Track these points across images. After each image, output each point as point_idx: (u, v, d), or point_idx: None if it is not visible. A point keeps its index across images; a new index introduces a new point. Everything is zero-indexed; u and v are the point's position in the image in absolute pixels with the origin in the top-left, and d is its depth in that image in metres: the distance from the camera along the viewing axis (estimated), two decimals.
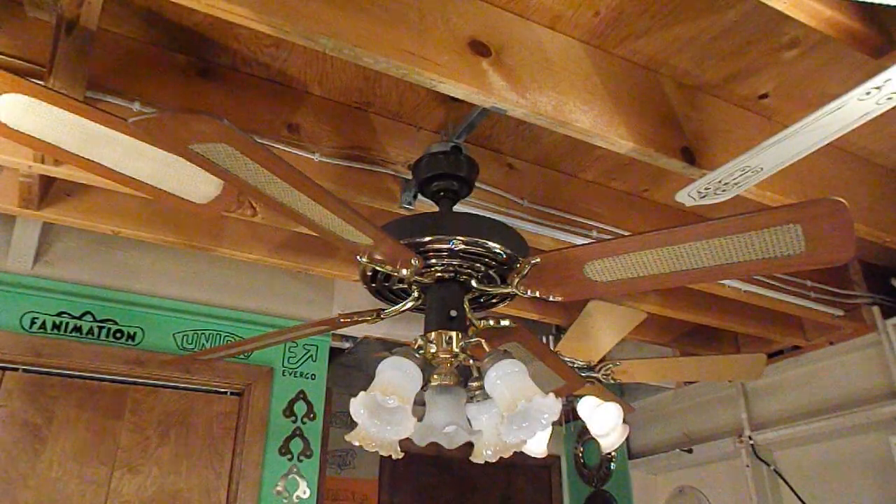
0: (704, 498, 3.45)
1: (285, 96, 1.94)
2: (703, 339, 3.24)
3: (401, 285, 1.64)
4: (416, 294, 1.61)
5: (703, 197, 1.69)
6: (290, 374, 2.71)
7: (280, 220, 2.07)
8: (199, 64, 1.85)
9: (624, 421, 2.76)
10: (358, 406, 1.32)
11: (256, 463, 2.49)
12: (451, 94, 1.55)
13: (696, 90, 1.91)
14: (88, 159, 1.52)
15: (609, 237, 2.30)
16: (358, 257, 1.47)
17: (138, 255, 2.64)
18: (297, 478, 2.56)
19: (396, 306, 1.66)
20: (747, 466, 3.14)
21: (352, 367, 3.42)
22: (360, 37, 1.43)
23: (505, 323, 1.72)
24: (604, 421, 2.72)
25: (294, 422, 2.64)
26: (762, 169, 1.60)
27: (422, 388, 1.45)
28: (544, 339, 2.97)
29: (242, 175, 1.13)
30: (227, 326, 2.69)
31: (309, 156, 1.90)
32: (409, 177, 2.00)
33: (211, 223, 2.23)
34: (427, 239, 1.49)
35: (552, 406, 1.33)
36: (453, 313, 1.52)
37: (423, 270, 1.52)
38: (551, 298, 1.53)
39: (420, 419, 1.48)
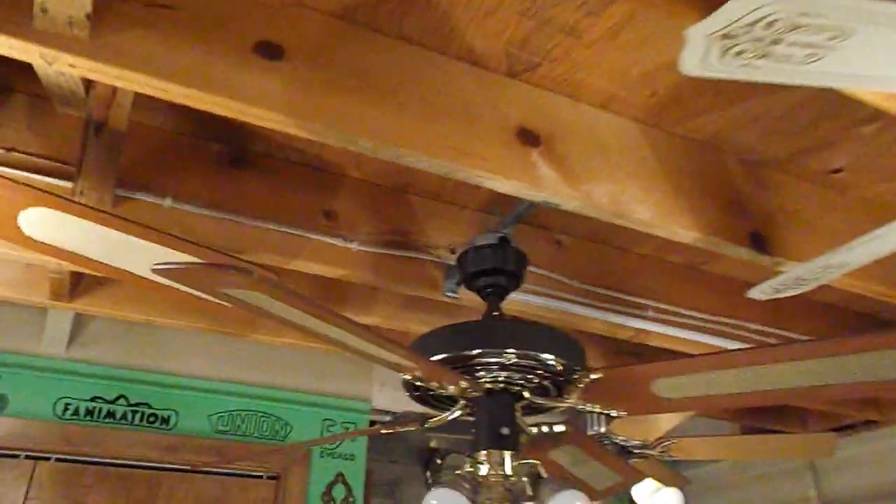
0: None
1: (321, 181, 1.86)
2: (765, 413, 3.03)
3: (444, 393, 1.52)
4: (461, 404, 1.48)
5: (778, 292, 1.53)
6: (329, 456, 2.60)
7: None
8: (231, 152, 1.78)
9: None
10: None
11: None
12: (501, 191, 1.44)
13: (761, 166, 1.77)
14: (116, 268, 1.44)
15: (665, 316, 2.15)
16: (401, 373, 1.35)
17: (172, 334, 2.57)
18: None
19: (442, 415, 1.54)
20: None
21: (391, 438, 3.29)
22: (400, 135, 1.33)
23: (559, 428, 1.58)
24: None
25: None
26: (848, 264, 1.44)
27: None
28: (592, 416, 2.80)
29: (276, 312, 1.03)
30: (262, 406, 2.59)
31: (346, 245, 1.80)
32: (452, 262, 1.89)
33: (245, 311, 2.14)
34: (475, 353, 1.37)
35: None
36: (505, 431, 1.39)
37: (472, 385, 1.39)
38: (614, 414, 1.39)
39: None
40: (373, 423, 2.89)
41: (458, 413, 1.51)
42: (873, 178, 1.80)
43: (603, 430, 2.60)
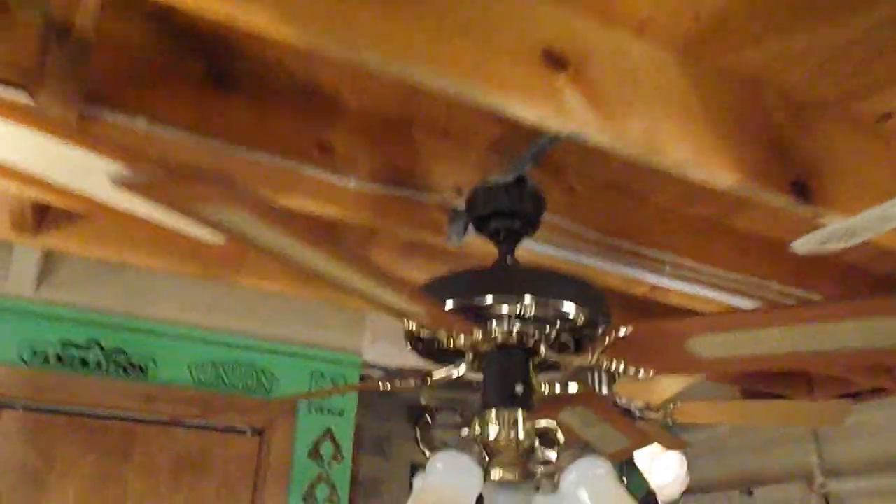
0: None
1: (316, 109, 1.67)
2: (771, 377, 2.91)
3: (451, 346, 1.38)
4: (470, 358, 1.33)
5: (824, 244, 1.38)
6: (316, 411, 2.46)
7: None
8: (215, 71, 1.58)
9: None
10: None
11: None
12: (523, 119, 1.26)
13: (805, 109, 1.59)
14: (80, 194, 1.26)
15: (683, 272, 2.00)
16: (405, 322, 1.20)
17: (152, 277, 2.40)
18: None
19: (446, 370, 1.39)
20: None
21: (380, 394, 3.16)
22: (411, 49, 1.15)
23: (572, 388, 1.44)
24: (665, 471, 2.44)
25: (319, 465, 2.39)
26: None
27: None
28: (595, 375, 2.68)
29: (261, 240, 0.86)
30: (247, 356, 2.44)
31: (343, 181, 1.63)
32: (459, 205, 1.72)
33: (230, 249, 1.97)
34: (488, 302, 1.21)
35: None
36: (519, 389, 1.24)
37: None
38: (641, 375, 1.24)
39: None
40: (363, 377, 2.75)
41: (464, 369, 1.36)
42: None
43: (605, 391, 2.48)
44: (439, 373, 1.40)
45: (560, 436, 1.20)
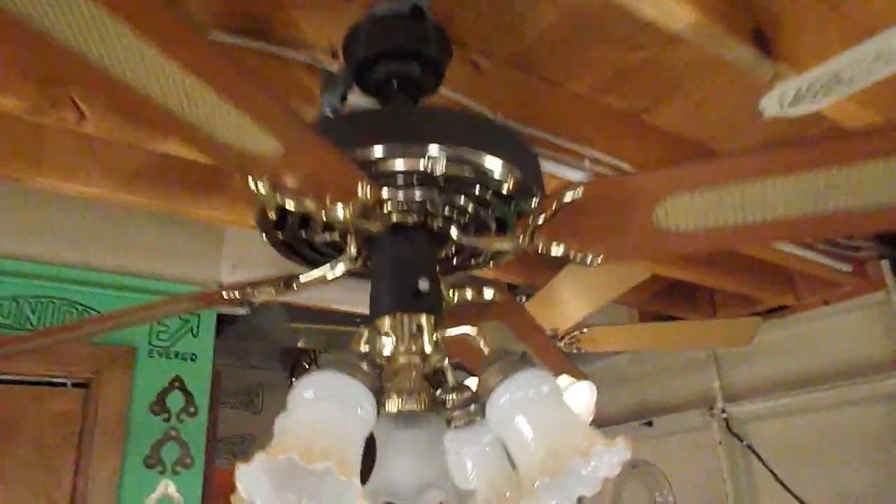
0: (662, 475, 3.05)
1: None
2: (673, 297, 2.76)
3: (327, 235, 0.99)
4: (353, 250, 0.95)
5: (800, 98, 1.12)
6: (161, 355, 1.98)
7: (130, 132, 1.33)
8: None
9: None
10: (253, 479, 0.68)
11: (111, 480, 1.78)
12: None
13: None
14: None
15: (604, 169, 1.72)
16: (253, 182, 0.79)
17: None
18: (173, 497, 1.87)
19: (318, 270, 1.00)
20: (719, 443, 2.73)
21: (247, 337, 2.72)
22: None
23: (487, 294, 1.10)
24: (575, 403, 2.21)
25: (167, 420, 1.93)
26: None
27: None
28: None
29: None
30: (62, 290, 1.89)
31: None
32: (332, 67, 1.32)
33: (21, 135, 1.45)
34: (377, 155, 0.83)
35: (619, 459, 0.75)
36: (423, 285, 0.88)
37: (373, 210, 0.86)
38: (589, 260, 0.92)
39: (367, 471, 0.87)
40: (223, 317, 2.30)
41: (342, 266, 0.98)
42: None
43: None
44: (309, 275, 1.01)
45: (483, 346, 0.85)
